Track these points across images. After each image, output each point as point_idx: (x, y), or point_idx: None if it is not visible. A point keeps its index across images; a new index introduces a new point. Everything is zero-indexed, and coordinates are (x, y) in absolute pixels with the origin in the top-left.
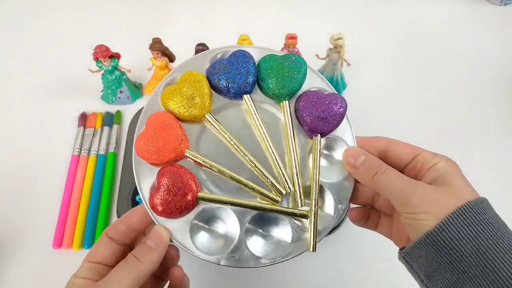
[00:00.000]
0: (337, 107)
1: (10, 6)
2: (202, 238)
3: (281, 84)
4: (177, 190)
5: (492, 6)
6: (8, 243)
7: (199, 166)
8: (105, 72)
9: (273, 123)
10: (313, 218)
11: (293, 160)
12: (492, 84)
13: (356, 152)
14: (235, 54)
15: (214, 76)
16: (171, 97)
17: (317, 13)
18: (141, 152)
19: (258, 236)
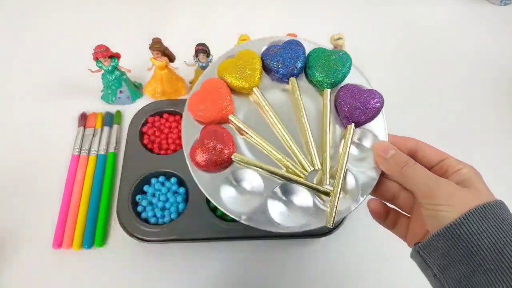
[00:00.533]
0: (375, 101)
1: (10, 6)
2: (230, 193)
3: (326, 73)
4: (216, 146)
5: (492, 6)
6: (8, 243)
7: (239, 132)
8: (105, 72)
9: (311, 109)
10: (337, 194)
11: (326, 142)
12: (492, 84)
13: (387, 146)
14: (289, 41)
15: (267, 57)
16: (226, 68)
17: (317, 13)
18: (191, 107)
19: (280, 204)
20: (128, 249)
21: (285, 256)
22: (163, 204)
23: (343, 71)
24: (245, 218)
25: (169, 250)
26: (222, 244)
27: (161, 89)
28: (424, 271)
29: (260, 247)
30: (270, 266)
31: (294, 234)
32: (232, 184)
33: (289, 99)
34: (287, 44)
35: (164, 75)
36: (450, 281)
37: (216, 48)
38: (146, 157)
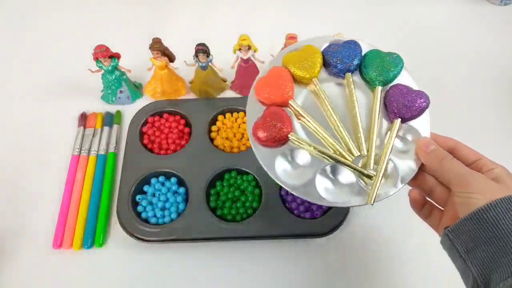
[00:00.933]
0: (421, 101)
1: (10, 6)
2: (283, 167)
3: (379, 72)
4: (276, 124)
5: (492, 6)
6: (8, 243)
7: (296, 116)
8: (105, 72)
9: (362, 103)
10: (379, 178)
11: (374, 132)
12: (492, 84)
13: (429, 141)
14: (349, 41)
15: (328, 53)
16: (290, 59)
17: (317, 13)
18: (258, 90)
19: (327, 181)
20: (128, 249)
21: (285, 256)
22: (163, 204)
23: (395, 72)
24: (295, 189)
25: (169, 250)
26: (222, 244)
27: (161, 89)
28: (451, 253)
29: (260, 247)
30: (270, 266)
31: (294, 234)
32: (287, 159)
33: (342, 92)
34: (347, 44)
35: (164, 75)
36: (474, 261)
37: (216, 48)
38: (146, 157)
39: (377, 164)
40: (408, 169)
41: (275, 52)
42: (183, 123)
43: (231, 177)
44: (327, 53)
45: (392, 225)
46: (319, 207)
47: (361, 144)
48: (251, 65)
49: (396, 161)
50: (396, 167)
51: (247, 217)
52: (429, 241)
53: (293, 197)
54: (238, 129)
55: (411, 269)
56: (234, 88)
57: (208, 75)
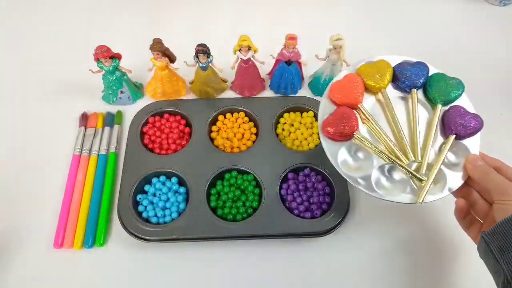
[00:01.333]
0: (476, 123)
1: (11, 6)
2: (346, 160)
3: (442, 93)
4: (344, 121)
5: (491, 6)
6: (9, 243)
7: (363, 120)
8: (106, 73)
9: (422, 116)
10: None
11: (430, 143)
12: (492, 84)
13: (477, 157)
14: (419, 62)
15: (399, 68)
16: (364, 69)
17: (317, 13)
18: (332, 91)
19: (383, 178)
20: (129, 248)
21: (285, 255)
22: (163, 204)
23: (456, 95)
24: (351, 178)
25: (169, 249)
26: (222, 243)
27: (162, 89)
28: (485, 257)
29: (260, 247)
30: (270, 265)
31: (294, 233)
32: (350, 153)
33: (403, 105)
34: (416, 64)
35: (165, 75)
36: (506, 260)
37: (216, 48)
38: (147, 157)
39: (429, 171)
40: (455, 179)
41: (275, 53)
42: (183, 123)
43: (232, 177)
44: (398, 69)
45: (392, 224)
46: (319, 207)
47: (416, 151)
48: (251, 66)
49: (446, 171)
50: (445, 176)
51: (247, 217)
52: (429, 241)
53: (293, 197)
54: (238, 129)
55: (411, 268)
56: (234, 88)
57: (208, 75)
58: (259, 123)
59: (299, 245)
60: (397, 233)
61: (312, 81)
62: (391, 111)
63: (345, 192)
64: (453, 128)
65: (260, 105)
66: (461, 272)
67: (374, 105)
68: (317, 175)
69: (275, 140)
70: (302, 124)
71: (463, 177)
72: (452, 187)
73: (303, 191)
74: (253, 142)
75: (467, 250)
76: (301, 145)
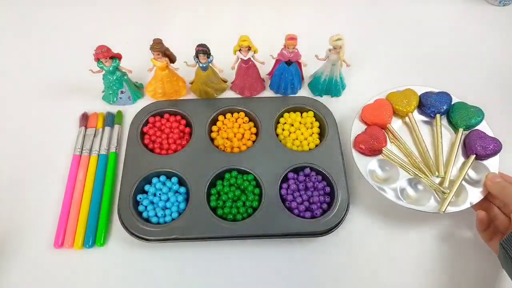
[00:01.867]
0: (495, 145)
1: (11, 6)
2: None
3: (463, 118)
4: (374, 138)
5: (491, 6)
6: (9, 243)
7: (391, 139)
8: (106, 73)
9: (445, 139)
10: (452, 194)
11: (452, 161)
12: (492, 84)
13: (496, 175)
14: (443, 91)
15: (425, 96)
16: (393, 96)
17: (317, 14)
18: (364, 112)
19: (409, 188)
20: (129, 248)
21: (285, 255)
22: (164, 204)
23: (477, 121)
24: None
25: (170, 249)
26: (223, 243)
27: (162, 89)
28: (505, 263)
29: (260, 247)
30: (270, 265)
31: (294, 233)
32: (378, 167)
33: (427, 128)
34: (440, 93)
35: (165, 75)
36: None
37: (216, 48)
38: (147, 157)
39: (451, 185)
40: (476, 194)
41: (275, 53)
42: (183, 123)
43: (232, 177)
44: (423, 97)
45: (392, 224)
46: (319, 207)
47: (440, 167)
48: (251, 66)
49: (467, 186)
50: (466, 191)
51: (248, 217)
52: (429, 240)
53: (293, 197)
54: (238, 129)
55: (411, 268)
56: (234, 88)
57: (208, 75)
58: (259, 123)
59: (299, 245)
60: (397, 233)
61: (312, 81)
62: (417, 132)
63: (345, 192)
64: (473, 149)
65: (260, 105)
66: (461, 270)
67: (401, 127)
68: (317, 175)
69: (275, 140)
70: (302, 124)
71: (483, 192)
72: (473, 201)
73: (303, 191)
74: (253, 142)
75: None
76: (301, 145)
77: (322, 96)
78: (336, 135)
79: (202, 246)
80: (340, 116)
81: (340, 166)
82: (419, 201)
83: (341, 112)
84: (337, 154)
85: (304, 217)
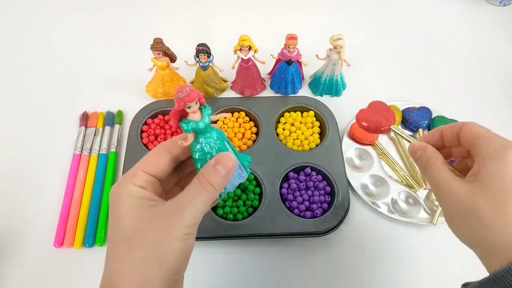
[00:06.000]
0: None
1: (10, 6)
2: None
3: None
4: (382, 112)
5: (492, 6)
6: (9, 242)
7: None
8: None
9: None
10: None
11: None
12: (492, 84)
13: (416, 147)
14: (422, 107)
15: (407, 112)
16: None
17: (317, 13)
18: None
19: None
20: None
21: (285, 255)
22: None
23: None
24: (373, 203)
25: None
26: (223, 243)
27: (163, 89)
28: None
29: (260, 246)
30: (270, 265)
31: (295, 233)
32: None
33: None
34: (421, 108)
35: (166, 75)
36: None
37: (217, 48)
38: None
39: None
40: None
41: (275, 53)
42: None
43: None
44: (405, 112)
45: (393, 223)
46: (319, 206)
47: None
48: (251, 66)
49: None
50: None
51: (248, 216)
52: (429, 240)
53: (293, 196)
54: (239, 128)
55: (411, 268)
56: (235, 88)
57: (209, 75)
58: (260, 123)
59: (300, 245)
60: (398, 233)
61: (313, 80)
62: (403, 147)
63: (346, 191)
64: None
65: (260, 104)
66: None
67: (387, 143)
68: (318, 175)
69: (275, 139)
70: (303, 124)
71: None
72: None
73: (304, 190)
74: (253, 141)
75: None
76: (301, 144)
77: (322, 95)
78: (336, 135)
79: (202, 245)
80: (340, 116)
81: (340, 166)
82: (411, 213)
83: (341, 111)
84: (338, 154)
85: (304, 217)
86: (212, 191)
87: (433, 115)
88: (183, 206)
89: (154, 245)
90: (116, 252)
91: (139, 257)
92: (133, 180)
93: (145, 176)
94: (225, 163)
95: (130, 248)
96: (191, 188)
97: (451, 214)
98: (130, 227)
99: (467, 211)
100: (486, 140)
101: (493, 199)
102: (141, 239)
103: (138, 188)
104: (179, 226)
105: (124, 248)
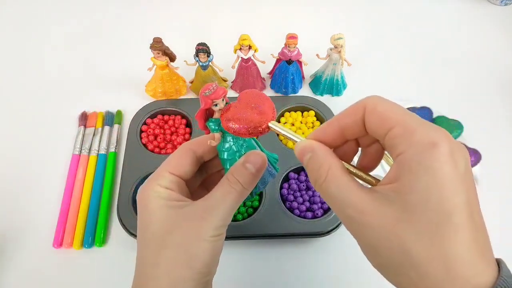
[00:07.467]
0: (475, 157)
1: (10, 6)
2: None
3: None
4: (254, 105)
5: (493, 6)
6: (8, 243)
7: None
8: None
9: None
10: None
11: None
12: (492, 84)
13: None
14: (423, 107)
15: None
16: None
17: (317, 13)
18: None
19: None
20: (129, 248)
21: (286, 255)
22: None
23: (457, 134)
24: None
25: None
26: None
27: (162, 89)
28: None
29: (260, 247)
30: (270, 265)
31: (295, 233)
32: None
33: None
34: (422, 108)
35: (165, 75)
36: None
37: (217, 47)
38: (147, 156)
39: None
40: None
41: (275, 52)
42: (183, 122)
43: None
44: None
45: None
46: (320, 207)
47: None
48: (251, 65)
49: None
50: None
51: (248, 217)
52: None
53: (294, 197)
54: None
55: None
56: (235, 87)
57: (208, 74)
58: None
59: (300, 245)
60: None
61: (313, 80)
62: None
63: None
64: None
65: None
66: None
67: None
68: None
69: (276, 139)
70: (303, 124)
71: None
72: None
73: (304, 191)
74: None
75: None
76: None
77: (323, 95)
78: None
79: None
80: None
81: None
82: None
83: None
84: None
85: (305, 217)
86: (241, 190)
87: (434, 115)
88: (212, 207)
89: (183, 246)
90: (146, 255)
91: (168, 259)
92: (159, 182)
93: (170, 177)
94: (254, 160)
95: (160, 250)
96: (220, 188)
97: (369, 251)
98: (159, 229)
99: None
100: (405, 133)
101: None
102: (170, 240)
103: (164, 189)
104: (209, 227)
105: (154, 250)
